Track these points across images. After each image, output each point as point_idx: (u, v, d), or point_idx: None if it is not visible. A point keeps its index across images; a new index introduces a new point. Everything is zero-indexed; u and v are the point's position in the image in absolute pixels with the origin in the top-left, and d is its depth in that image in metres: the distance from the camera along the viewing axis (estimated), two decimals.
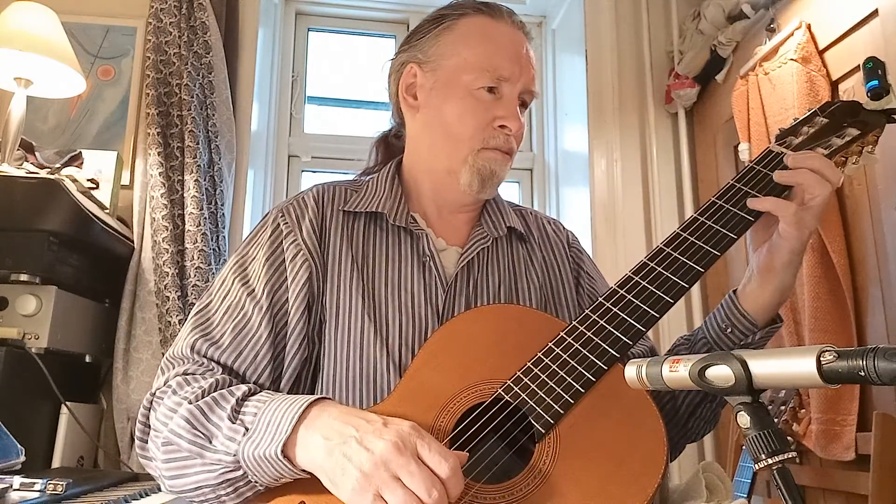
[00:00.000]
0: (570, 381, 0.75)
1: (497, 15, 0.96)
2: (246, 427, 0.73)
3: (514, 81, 0.93)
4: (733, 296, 0.87)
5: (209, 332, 0.86)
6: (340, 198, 0.97)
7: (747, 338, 0.86)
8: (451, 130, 0.94)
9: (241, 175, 2.09)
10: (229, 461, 0.73)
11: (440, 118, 0.95)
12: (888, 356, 0.45)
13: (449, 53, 0.95)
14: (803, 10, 1.70)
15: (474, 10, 0.96)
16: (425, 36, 0.98)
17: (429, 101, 0.96)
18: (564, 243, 1.06)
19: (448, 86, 0.94)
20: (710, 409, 0.91)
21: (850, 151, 0.91)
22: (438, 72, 0.95)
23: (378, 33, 2.65)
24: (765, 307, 0.85)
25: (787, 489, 0.52)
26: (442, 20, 0.97)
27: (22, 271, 1.50)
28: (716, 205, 0.85)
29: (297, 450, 0.71)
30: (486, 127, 0.93)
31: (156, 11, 2.01)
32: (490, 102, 0.92)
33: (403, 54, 1.00)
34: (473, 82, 0.92)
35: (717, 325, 0.88)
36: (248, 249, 0.93)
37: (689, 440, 0.95)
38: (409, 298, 0.90)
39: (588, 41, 2.31)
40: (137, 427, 0.82)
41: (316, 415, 0.72)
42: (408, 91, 0.99)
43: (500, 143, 0.93)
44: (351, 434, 0.68)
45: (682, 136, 2.21)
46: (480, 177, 0.94)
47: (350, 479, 0.66)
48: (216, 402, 0.76)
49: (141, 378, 1.79)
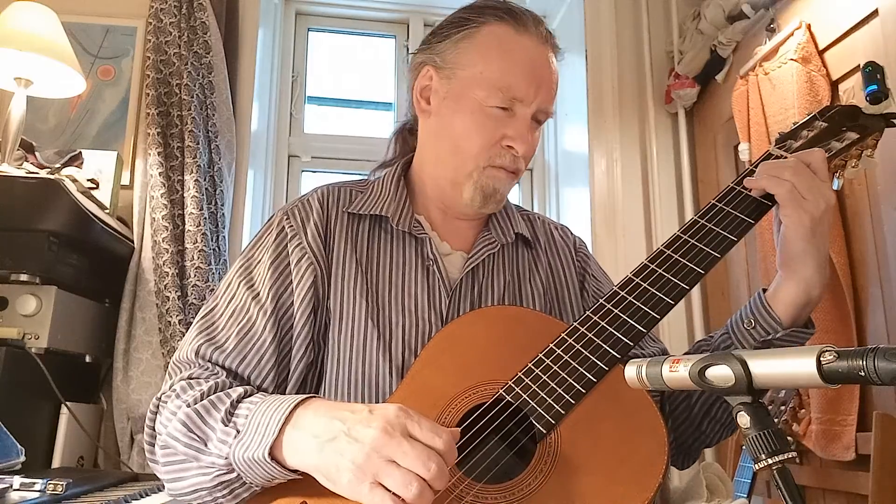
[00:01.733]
0: (572, 381, 0.76)
1: (521, 26, 0.92)
2: (238, 429, 0.73)
3: (527, 103, 0.90)
4: (762, 292, 0.86)
5: (214, 336, 0.86)
6: (345, 199, 0.97)
7: (769, 336, 0.83)
8: (458, 144, 0.92)
9: (241, 175, 2.09)
10: (222, 464, 0.73)
11: (449, 129, 0.93)
12: (888, 356, 0.45)
13: (465, 63, 0.91)
14: (803, 10, 1.70)
15: (498, 17, 0.92)
16: (445, 39, 0.94)
17: (440, 109, 0.94)
18: (571, 248, 1.05)
19: (460, 98, 0.91)
20: (726, 411, 0.89)
21: (849, 155, 0.91)
22: (453, 80, 0.92)
23: (378, 33, 2.65)
24: (789, 304, 0.83)
25: (787, 489, 0.52)
26: (464, 25, 0.93)
27: (22, 271, 1.50)
28: (716, 207, 0.86)
29: (285, 452, 0.70)
30: (493, 145, 0.90)
31: (156, 11, 2.01)
32: (501, 120, 0.90)
33: (423, 54, 0.97)
34: (486, 99, 0.89)
35: (741, 321, 0.86)
36: (253, 252, 0.92)
37: (704, 444, 0.92)
38: (412, 302, 0.90)
39: (588, 41, 2.31)
40: (145, 431, 0.82)
41: (301, 414, 0.72)
42: (422, 94, 0.96)
43: (506, 162, 0.91)
44: (339, 428, 0.68)
45: (682, 136, 2.20)
46: (483, 194, 0.92)
47: (345, 473, 0.66)
48: (213, 404, 0.76)
49: (141, 378, 1.79)
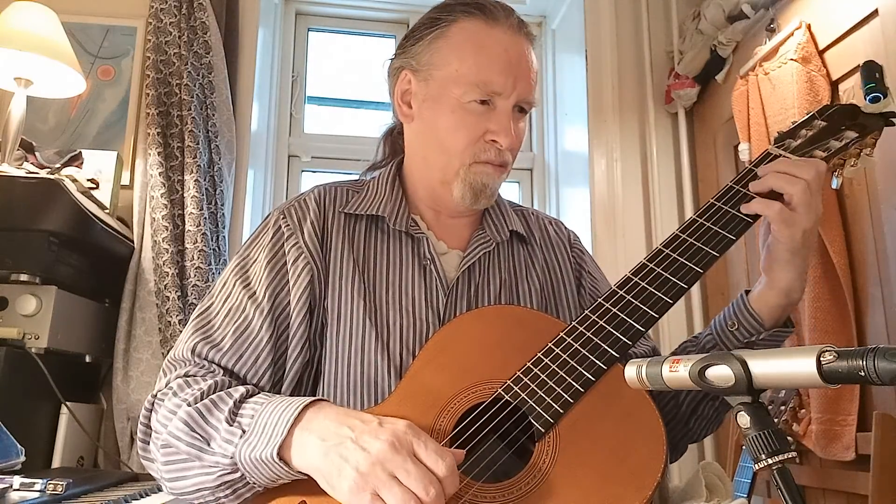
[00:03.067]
0: (570, 380, 0.76)
1: (491, 18, 0.91)
2: (243, 429, 0.73)
3: (506, 95, 0.89)
4: (744, 295, 0.88)
5: (210, 334, 0.86)
6: (342, 199, 0.97)
7: (752, 337, 0.86)
8: (443, 144, 0.92)
9: (241, 175, 2.09)
10: (227, 464, 0.73)
11: (432, 130, 0.93)
12: (888, 356, 0.45)
13: (440, 63, 0.91)
14: (803, 10, 1.70)
15: (468, 13, 0.91)
16: (419, 42, 0.94)
17: (421, 112, 0.94)
18: (566, 243, 1.06)
19: (439, 98, 0.91)
20: (713, 408, 0.91)
21: (848, 154, 0.91)
22: (430, 82, 0.92)
23: (378, 33, 2.65)
24: (771, 307, 0.85)
25: (787, 489, 0.52)
26: (435, 25, 0.93)
27: (22, 271, 1.50)
28: (714, 206, 0.86)
29: (292, 452, 0.71)
30: (477, 141, 0.90)
31: (156, 11, 2.01)
32: (482, 114, 0.90)
33: (399, 59, 0.97)
34: (464, 96, 0.89)
35: (724, 323, 0.88)
36: (250, 252, 0.92)
37: (690, 440, 0.95)
38: (409, 302, 0.90)
39: (588, 41, 2.31)
40: (139, 429, 0.82)
41: (311, 416, 0.72)
42: (402, 98, 0.97)
43: (491, 156, 0.91)
44: (347, 435, 0.68)
45: (682, 136, 2.20)
46: (473, 190, 0.92)
47: (347, 479, 0.66)
48: (214, 404, 0.76)
49: (141, 378, 1.79)
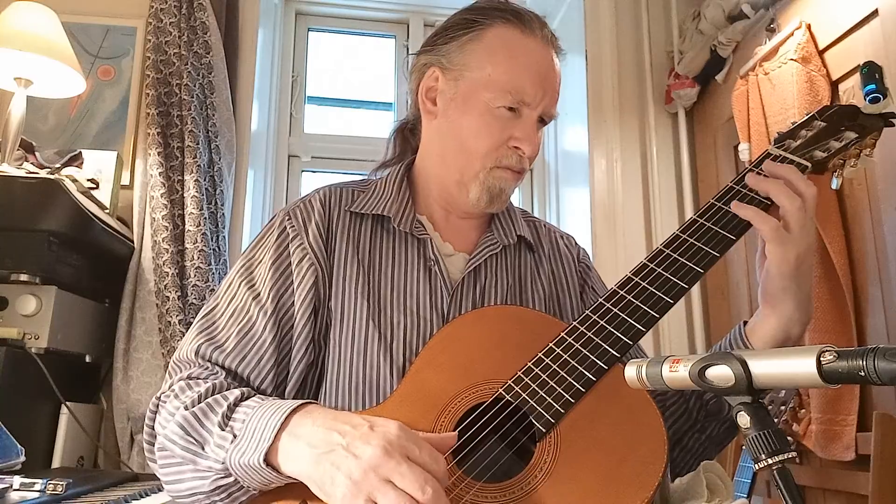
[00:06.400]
0: (571, 380, 0.75)
1: (527, 28, 0.92)
2: (234, 434, 0.73)
3: (534, 106, 0.91)
4: (742, 326, 0.85)
5: (214, 335, 0.86)
6: (347, 199, 0.96)
7: None
8: (465, 145, 0.92)
9: (241, 175, 2.09)
10: (219, 468, 0.73)
11: (456, 130, 0.93)
12: (888, 356, 0.45)
13: (473, 65, 0.92)
14: (803, 10, 1.70)
15: (505, 20, 0.92)
16: (452, 41, 0.94)
17: (447, 111, 0.94)
18: (574, 258, 1.05)
19: (468, 99, 0.91)
20: (698, 441, 0.88)
21: (847, 154, 0.91)
22: (460, 82, 0.92)
23: (378, 33, 2.65)
24: (768, 340, 0.81)
25: (787, 489, 0.52)
26: (470, 26, 0.93)
27: (22, 271, 1.50)
28: (714, 206, 0.85)
29: (280, 458, 0.70)
30: (500, 146, 0.91)
31: (156, 11, 2.01)
32: (508, 121, 0.90)
33: (428, 55, 0.97)
34: (493, 101, 0.89)
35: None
36: (255, 253, 0.92)
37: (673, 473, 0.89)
38: (413, 303, 0.90)
39: (588, 41, 2.31)
40: (145, 430, 0.82)
41: (299, 421, 0.71)
42: (427, 94, 0.96)
43: (512, 162, 0.92)
44: (337, 441, 0.67)
45: (682, 136, 2.21)
46: (489, 194, 0.93)
47: (340, 487, 0.65)
48: (210, 407, 0.76)
49: (141, 378, 1.79)
